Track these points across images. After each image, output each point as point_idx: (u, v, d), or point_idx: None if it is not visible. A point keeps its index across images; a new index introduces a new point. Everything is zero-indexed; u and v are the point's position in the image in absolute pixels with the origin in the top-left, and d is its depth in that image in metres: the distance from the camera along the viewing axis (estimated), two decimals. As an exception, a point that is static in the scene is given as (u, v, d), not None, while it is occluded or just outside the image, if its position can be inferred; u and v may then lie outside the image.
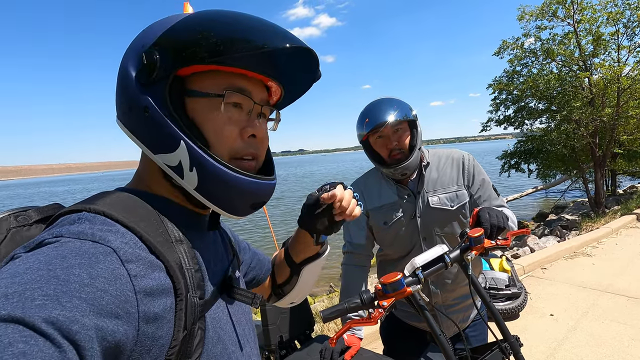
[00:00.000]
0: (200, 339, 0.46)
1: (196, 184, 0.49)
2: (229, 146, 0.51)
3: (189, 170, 0.48)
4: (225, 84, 0.50)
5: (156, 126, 0.48)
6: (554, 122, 8.45)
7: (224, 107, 0.50)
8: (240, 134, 0.52)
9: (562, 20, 7.82)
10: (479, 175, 1.37)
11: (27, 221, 0.49)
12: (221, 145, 0.50)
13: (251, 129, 0.52)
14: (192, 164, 0.48)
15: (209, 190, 0.50)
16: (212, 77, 0.50)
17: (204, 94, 0.50)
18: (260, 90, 0.55)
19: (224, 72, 0.51)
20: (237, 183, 0.49)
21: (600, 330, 2.88)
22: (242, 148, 0.52)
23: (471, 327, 1.45)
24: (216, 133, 0.50)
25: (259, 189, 0.52)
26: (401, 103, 1.34)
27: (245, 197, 0.52)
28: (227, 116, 0.50)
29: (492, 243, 1.00)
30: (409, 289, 0.89)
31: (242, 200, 0.52)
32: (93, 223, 0.42)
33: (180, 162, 0.48)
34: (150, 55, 0.48)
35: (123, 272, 0.39)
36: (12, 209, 0.50)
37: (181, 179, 0.49)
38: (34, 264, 0.35)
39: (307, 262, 0.76)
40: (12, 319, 0.30)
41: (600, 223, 6.13)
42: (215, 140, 0.50)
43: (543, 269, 4.31)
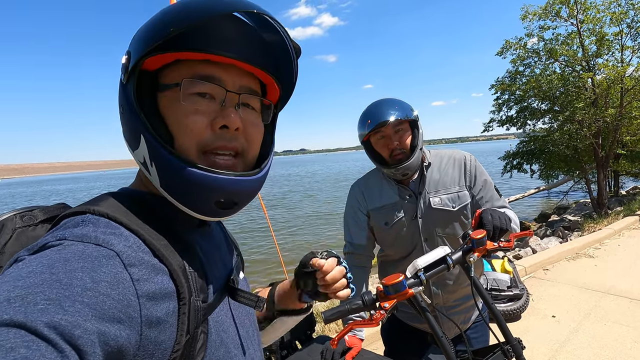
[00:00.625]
0: (203, 343, 0.46)
1: (159, 180, 0.47)
2: (195, 139, 0.47)
3: (150, 166, 0.47)
4: (188, 73, 0.48)
5: (127, 123, 0.49)
6: (556, 123, 8.41)
7: (184, 97, 0.47)
8: (211, 125, 0.48)
9: (565, 20, 7.78)
10: (481, 176, 1.37)
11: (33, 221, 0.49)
12: (186, 138, 0.47)
13: (222, 119, 0.48)
14: (151, 158, 0.46)
15: (171, 187, 0.47)
16: (177, 68, 0.49)
17: (167, 86, 0.49)
18: (236, 76, 0.50)
19: (190, 61, 0.48)
20: (190, 176, 0.45)
21: (602, 332, 2.87)
22: (212, 140, 0.48)
23: (472, 328, 1.44)
24: (178, 125, 0.47)
25: (219, 184, 0.46)
26: (402, 103, 1.33)
27: (201, 193, 0.47)
28: (191, 107, 0.47)
29: (495, 245, 1.00)
30: (410, 291, 0.88)
31: (199, 197, 0.47)
32: (97, 226, 0.41)
33: (144, 158, 0.47)
34: (126, 55, 0.49)
35: (126, 276, 0.38)
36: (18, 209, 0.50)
37: (149, 175, 0.48)
38: (37, 267, 0.35)
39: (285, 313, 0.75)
40: (15, 324, 0.30)
41: (602, 224, 6.10)
42: (178, 133, 0.47)
43: (545, 270, 4.29)
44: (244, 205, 0.51)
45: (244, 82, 0.51)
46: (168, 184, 0.47)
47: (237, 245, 0.70)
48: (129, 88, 0.48)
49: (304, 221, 12.14)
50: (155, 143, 0.46)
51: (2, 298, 0.31)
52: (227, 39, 0.49)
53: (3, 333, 0.29)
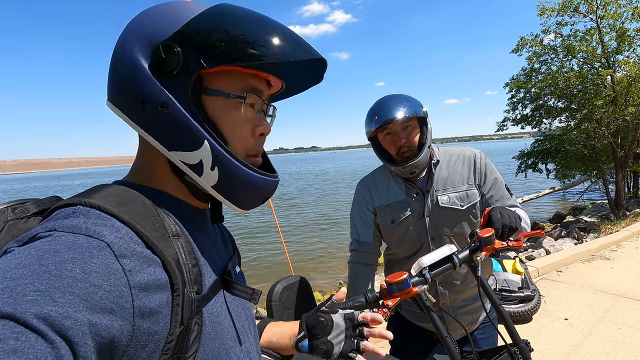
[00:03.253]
0: (197, 334, 0.45)
1: (215, 182, 0.50)
2: (244, 145, 0.53)
3: (210, 169, 0.49)
4: (242, 84, 0.51)
5: (176, 124, 0.47)
6: (573, 121, 8.19)
7: (244, 108, 0.51)
8: (252, 132, 0.53)
9: (584, 15, 7.56)
10: (491, 174, 1.34)
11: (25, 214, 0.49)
12: (238, 144, 0.52)
13: (261, 128, 0.54)
14: (214, 163, 0.49)
15: (226, 188, 0.51)
16: (229, 75, 0.50)
17: (223, 94, 0.50)
18: (266, 88, 0.56)
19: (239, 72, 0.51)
20: (253, 181, 0.52)
21: (617, 336, 2.79)
22: (254, 146, 0.54)
23: (480, 329, 1.42)
24: (234, 132, 0.51)
25: (269, 185, 0.55)
26: (411, 99, 1.31)
27: (258, 193, 0.54)
28: (244, 117, 0.52)
29: (503, 244, 0.97)
30: (414, 289, 0.87)
31: (256, 196, 0.54)
32: (87, 217, 0.41)
33: (200, 161, 0.49)
34: (170, 49, 0.46)
35: (117, 267, 0.38)
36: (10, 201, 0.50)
37: (198, 177, 0.50)
38: (26, 258, 0.34)
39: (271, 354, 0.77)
40: (3, 315, 0.29)
41: (620, 226, 5.93)
42: (232, 140, 0.51)
43: (558, 271, 4.20)
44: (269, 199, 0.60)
45: (269, 92, 0.57)
46: (225, 186, 0.51)
47: (233, 240, 0.70)
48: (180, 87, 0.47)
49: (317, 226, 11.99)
50: (220, 149, 0.49)
51: None
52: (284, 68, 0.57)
53: None
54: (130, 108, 0.50)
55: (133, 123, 0.50)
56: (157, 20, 0.49)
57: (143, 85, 0.47)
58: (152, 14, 0.50)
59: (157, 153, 0.50)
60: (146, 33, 0.48)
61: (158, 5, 0.52)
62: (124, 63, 0.49)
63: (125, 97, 0.50)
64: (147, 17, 0.50)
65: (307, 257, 8.09)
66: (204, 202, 0.56)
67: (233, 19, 0.49)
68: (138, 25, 0.50)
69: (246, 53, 0.47)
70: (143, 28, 0.49)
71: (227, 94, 0.50)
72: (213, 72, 0.49)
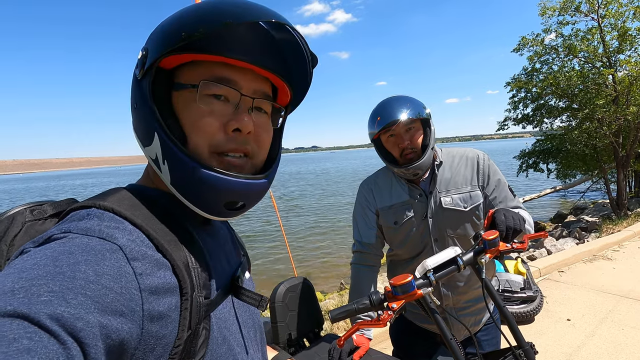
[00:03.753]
0: (205, 339, 0.45)
1: (169, 178, 0.48)
2: (207, 140, 0.48)
3: (162, 164, 0.48)
4: (205, 74, 0.48)
5: (141, 119, 0.49)
6: (575, 121, 8.19)
7: (199, 98, 0.48)
8: (224, 127, 0.49)
9: (585, 15, 7.55)
10: (495, 175, 1.33)
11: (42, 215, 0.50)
12: (199, 138, 0.48)
13: (235, 122, 0.48)
14: (164, 156, 0.47)
15: (182, 185, 0.48)
16: (194, 68, 0.49)
17: (183, 86, 0.49)
18: (251, 81, 0.51)
19: (208, 62, 0.49)
20: (201, 177, 0.46)
21: (620, 337, 2.78)
22: (224, 143, 0.48)
23: (483, 330, 1.41)
24: (193, 126, 0.48)
25: (229, 186, 0.47)
26: (414, 101, 1.30)
27: (214, 195, 0.48)
28: (206, 109, 0.48)
29: (508, 246, 0.97)
30: (419, 292, 0.87)
31: (209, 198, 0.48)
32: (101, 220, 0.42)
33: (156, 155, 0.48)
34: (143, 51, 0.49)
35: (129, 269, 0.39)
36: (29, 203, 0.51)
37: (160, 172, 0.49)
38: (41, 259, 0.35)
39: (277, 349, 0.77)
40: (18, 315, 0.30)
41: (622, 225, 5.92)
42: (191, 133, 0.48)
43: (560, 272, 4.19)
44: (251, 207, 0.53)
45: (258, 86, 0.52)
46: (179, 183, 0.48)
47: (243, 246, 0.69)
48: (145, 85, 0.48)
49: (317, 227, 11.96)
50: (169, 142, 0.46)
51: (7, 289, 0.31)
52: (246, 44, 0.50)
53: (6, 324, 0.29)
54: None
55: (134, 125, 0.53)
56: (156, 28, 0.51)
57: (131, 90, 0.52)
58: None
59: None
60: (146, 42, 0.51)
61: None
62: None
63: None
64: None
65: (308, 258, 8.08)
66: None
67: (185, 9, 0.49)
68: None
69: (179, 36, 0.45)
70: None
71: (183, 84, 0.49)
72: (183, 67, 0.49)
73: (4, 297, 0.31)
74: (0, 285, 0.32)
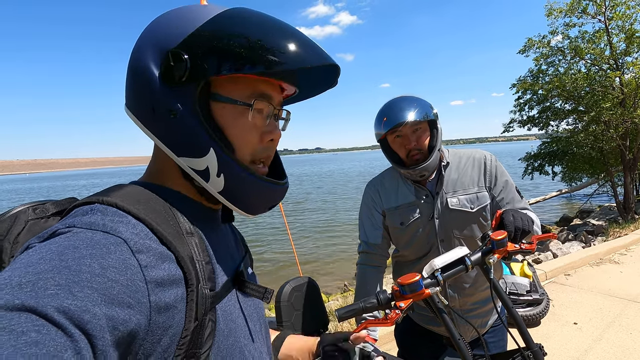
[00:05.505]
0: (211, 331, 0.46)
1: (222, 188, 0.51)
2: (250, 151, 0.52)
3: (216, 176, 0.50)
4: (251, 90, 0.50)
5: (184, 130, 0.48)
6: (581, 123, 8.12)
7: (251, 115, 0.50)
8: (261, 138, 0.53)
9: (592, 17, 7.49)
10: (502, 176, 1.32)
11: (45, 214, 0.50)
12: (244, 150, 0.52)
13: (271, 134, 0.54)
14: (220, 170, 0.49)
15: (232, 194, 0.52)
16: (238, 81, 0.50)
17: (231, 100, 0.49)
18: (278, 93, 0.55)
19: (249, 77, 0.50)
20: (258, 188, 0.52)
21: (627, 341, 2.75)
22: (261, 152, 0.53)
23: (490, 332, 1.40)
24: (241, 139, 0.51)
25: (275, 192, 0.55)
26: (421, 102, 1.30)
27: (263, 200, 0.55)
28: (252, 123, 0.51)
29: (516, 247, 0.96)
30: (427, 291, 0.86)
31: (260, 203, 0.55)
32: (105, 214, 0.42)
33: (207, 167, 0.49)
34: (178, 56, 0.46)
35: (134, 262, 0.39)
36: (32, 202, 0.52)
37: (206, 182, 0.50)
38: (47, 254, 0.35)
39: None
40: (26, 308, 0.30)
41: (629, 229, 5.86)
42: (239, 146, 0.51)
43: (567, 275, 4.16)
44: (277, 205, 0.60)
45: (281, 97, 0.56)
46: (231, 192, 0.51)
47: (244, 242, 0.70)
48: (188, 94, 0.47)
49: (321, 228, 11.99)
50: (227, 158, 0.49)
51: (14, 283, 0.32)
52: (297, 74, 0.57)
53: (15, 317, 0.29)
54: (142, 114, 0.51)
55: (146, 129, 0.51)
56: (169, 26, 0.49)
57: (153, 93, 0.48)
58: (166, 20, 0.50)
59: (169, 157, 0.51)
60: (158, 40, 0.49)
61: (173, 10, 0.52)
62: (137, 70, 0.50)
63: (138, 103, 0.51)
64: (160, 23, 0.50)
65: (311, 259, 8.08)
66: (216, 203, 0.56)
67: (244, 23, 0.48)
68: (152, 32, 0.50)
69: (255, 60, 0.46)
70: (156, 35, 0.50)
71: (234, 100, 0.50)
72: (222, 79, 0.49)
73: (11, 290, 0.31)
74: (8, 280, 0.32)
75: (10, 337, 0.28)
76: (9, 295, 0.31)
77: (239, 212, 0.55)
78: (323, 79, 0.60)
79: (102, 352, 0.33)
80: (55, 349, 0.29)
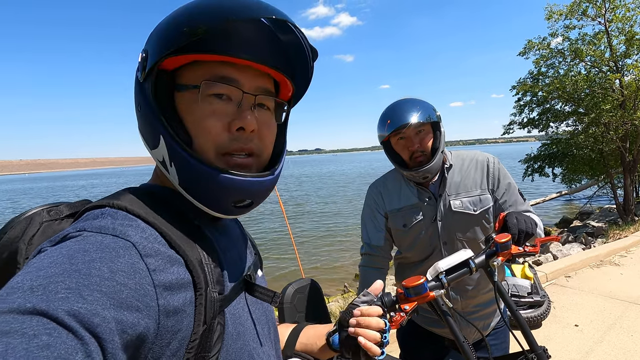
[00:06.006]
0: (220, 334, 0.46)
1: (177, 180, 0.49)
2: (212, 141, 0.48)
3: (170, 166, 0.48)
4: (206, 74, 0.48)
5: (146, 122, 0.50)
6: (581, 125, 8.13)
7: (202, 98, 0.48)
8: (228, 127, 0.49)
9: (592, 19, 7.51)
10: (505, 179, 1.33)
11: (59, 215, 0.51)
12: (203, 139, 0.48)
13: (239, 121, 0.48)
14: (171, 159, 0.48)
15: (190, 186, 0.49)
16: (195, 68, 0.49)
17: (185, 87, 0.49)
18: (252, 78, 0.51)
19: (208, 62, 0.49)
20: (211, 178, 0.47)
21: (629, 343, 2.75)
22: (229, 143, 0.49)
23: (492, 335, 1.40)
24: (197, 127, 0.48)
25: (239, 186, 0.48)
26: (424, 104, 1.30)
27: (222, 194, 0.49)
28: (208, 109, 0.48)
29: (520, 249, 0.97)
30: (431, 294, 0.86)
31: (220, 197, 0.49)
32: (115, 218, 0.43)
33: (163, 157, 0.49)
34: (143, 53, 0.49)
35: (142, 266, 0.39)
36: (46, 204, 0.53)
37: (168, 174, 0.50)
38: (58, 257, 0.36)
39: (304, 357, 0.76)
40: (37, 312, 0.31)
41: (629, 231, 5.87)
42: (196, 135, 0.48)
43: (567, 277, 4.16)
44: (259, 204, 0.54)
45: (260, 82, 0.52)
46: (187, 184, 0.49)
47: (254, 244, 0.70)
48: (147, 87, 0.48)
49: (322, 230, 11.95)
50: (175, 145, 0.47)
51: (26, 287, 0.32)
52: (246, 41, 0.50)
53: (26, 320, 0.30)
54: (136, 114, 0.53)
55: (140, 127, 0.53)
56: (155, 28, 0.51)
57: (134, 92, 0.52)
58: None
59: None
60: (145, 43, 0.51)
61: None
62: None
63: None
64: None
65: (312, 262, 8.07)
66: None
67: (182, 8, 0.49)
68: None
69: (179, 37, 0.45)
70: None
71: (185, 85, 0.49)
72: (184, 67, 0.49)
73: (23, 294, 0.32)
74: (20, 283, 0.33)
75: (23, 340, 0.28)
76: (20, 299, 0.31)
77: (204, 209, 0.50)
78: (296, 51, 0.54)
79: (112, 354, 0.33)
80: (66, 351, 0.30)
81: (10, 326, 0.29)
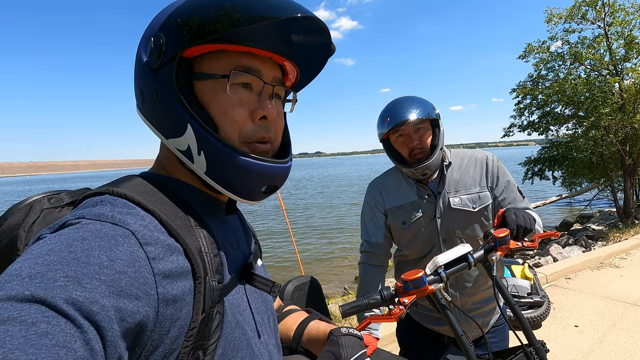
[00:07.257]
0: (219, 323, 0.46)
1: (205, 168, 0.49)
2: (238, 129, 0.49)
3: (197, 154, 0.48)
4: (232, 64, 0.49)
5: (165, 111, 0.49)
6: (581, 129, 8.15)
7: (230, 88, 0.48)
8: (251, 116, 0.50)
9: (592, 22, 7.56)
10: (504, 176, 1.34)
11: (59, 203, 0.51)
12: (230, 128, 0.49)
13: (262, 110, 0.50)
14: (199, 147, 0.48)
15: (218, 174, 0.49)
16: (219, 57, 0.49)
17: (210, 76, 0.49)
18: (271, 69, 0.52)
19: (231, 52, 0.49)
20: (245, 166, 0.48)
21: (628, 344, 2.75)
22: (254, 131, 0.50)
23: (491, 332, 1.41)
24: (224, 116, 0.49)
25: (269, 172, 0.50)
26: (423, 101, 1.32)
27: (255, 181, 0.50)
28: (235, 98, 0.49)
29: (518, 244, 0.97)
30: (430, 287, 0.87)
31: (252, 184, 0.50)
32: (114, 205, 0.42)
33: (189, 146, 0.48)
34: (157, 39, 0.48)
35: (142, 254, 0.39)
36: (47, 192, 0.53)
37: (192, 163, 0.49)
38: (56, 245, 0.36)
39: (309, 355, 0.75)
40: (35, 299, 0.30)
41: (629, 234, 5.86)
42: (223, 123, 0.49)
43: (567, 278, 4.15)
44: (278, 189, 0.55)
45: (276, 73, 0.54)
46: (216, 172, 0.49)
47: (254, 233, 0.70)
48: (166, 74, 0.47)
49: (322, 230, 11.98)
50: (205, 133, 0.47)
51: (24, 274, 0.32)
52: (273, 35, 0.51)
53: (25, 308, 0.30)
54: (139, 102, 0.52)
55: (142, 115, 0.52)
56: (158, 15, 0.51)
57: (142, 79, 0.50)
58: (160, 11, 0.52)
59: None
60: (149, 29, 0.51)
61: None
62: (135, 62, 0.52)
63: (135, 93, 0.53)
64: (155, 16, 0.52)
65: (312, 263, 8.06)
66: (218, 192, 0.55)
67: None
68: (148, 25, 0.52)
69: (214, 27, 0.44)
70: (149, 25, 0.51)
71: (212, 74, 0.48)
72: (205, 56, 0.49)
73: (21, 282, 0.31)
74: (18, 271, 0.32)
75: (21, 327, 0.28)
76: (19, 286, 0.31)
77: (232, 196, 0.51)
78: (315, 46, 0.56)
79: (111, 342, 0.33)
80: (65, 339, 0.29)
81: (8, 313, 0.29)
